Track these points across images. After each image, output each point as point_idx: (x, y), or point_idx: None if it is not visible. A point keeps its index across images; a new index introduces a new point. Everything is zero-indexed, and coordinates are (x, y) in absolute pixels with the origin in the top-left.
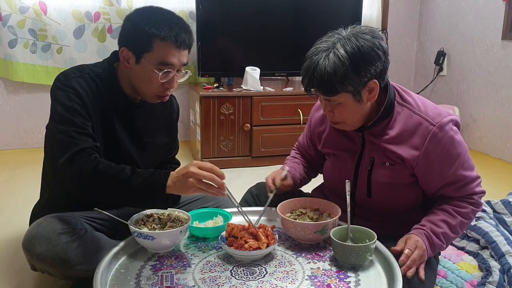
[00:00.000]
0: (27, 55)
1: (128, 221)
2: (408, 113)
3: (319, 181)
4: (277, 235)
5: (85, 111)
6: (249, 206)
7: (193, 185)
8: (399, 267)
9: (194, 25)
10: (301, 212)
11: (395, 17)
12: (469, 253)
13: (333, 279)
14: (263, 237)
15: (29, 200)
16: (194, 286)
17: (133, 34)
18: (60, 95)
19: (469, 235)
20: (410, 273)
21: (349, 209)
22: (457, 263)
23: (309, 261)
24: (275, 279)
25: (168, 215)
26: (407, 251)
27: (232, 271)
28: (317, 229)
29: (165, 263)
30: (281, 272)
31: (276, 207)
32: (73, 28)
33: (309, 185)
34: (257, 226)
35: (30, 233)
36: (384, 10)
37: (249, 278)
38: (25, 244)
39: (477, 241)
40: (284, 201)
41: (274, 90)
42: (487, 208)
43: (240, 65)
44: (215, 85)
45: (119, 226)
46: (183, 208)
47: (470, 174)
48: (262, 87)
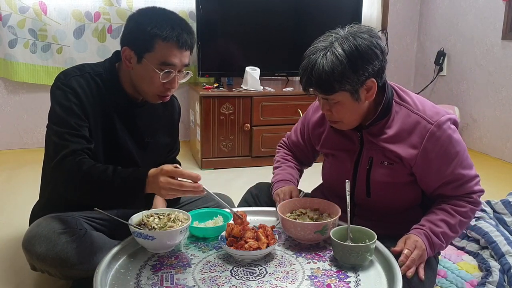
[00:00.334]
0: (27, 55)
1: (128, 221)
2: (406, 112)
3: (318, 181)
4: (277, 235)
5: (82, 111)
6: (249, 206)
7: (166, 194)
8: (399, 267)
9: (194, 25)
10: (301, 212)
11: (395, 17)
12: (469, 253)
13: (333, 279)
14: (263, 237)
15: (29, 200)
16: (194, 286)
17: (135, 34)
18: (58, 94)
19: (469, 235)
20: (410, 273)
21: (349, 209)
22: (457, 263)
23: (309, 261)
24: (275, 279)
25: (168, 215)
26: (406, 251)
27: (232, 271)
28: (317, 229)
29: (165, 263)
30: (281, 272)
31: (276, 207)
32: (73, 28)
33: (309, 185)
34: (237, 212)
35: (30, 233)
36: (384, 10)
37: (249, 278)
38: (25, 244)
39: (477, 241)
40: (284, 201)
41: (274, 90)
42: (487, 208)
43: (240, 65)
44: (215, 85)
45: (119, 226)
46: (183, 208)
47: (468, 172)
48: (262, 87)
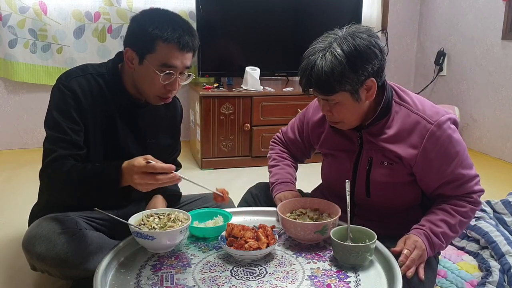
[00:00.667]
0: (27, 55)
1: (128, 221)
2: (406, 112)
3: (318, 181)
4: (277, 235)
5: (80, 113)
6: (249, 206)
7: (143, 188)
8: (399, 267)
9: (194, 25)
10: (301, 212)
11: (395, 17)
12: (469, 253)
13: (333, 279)
14: (263, 237)
15: (29, 200)
16: (194, 286)
17: (137, 34)
18: (57, 96)
19: (469, 235)
20: (409, 273)
21: (349, 209)
22: (457, 263)
23: (309, 261)
24: (275, 279)
25: (168, 215)
26: (406, 251)
27: (232, 271)
28: (317, 229)
29: (165, 263)
30: (281, 272)
31: (276, 207)
32: (73, 28)
33: (309, 185)
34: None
35: (30, 233)
36: (384, 10)
37: (249, 278)
38: (25, 244)
39: (477, 241)
40: (284, 201)
41: (274, 90)
42: (487, 208)
43: (240, 65)
44: (215, 85)
45: (119, 226)
46: (183, 208)
47: (468, 172)
48: (262, 87)
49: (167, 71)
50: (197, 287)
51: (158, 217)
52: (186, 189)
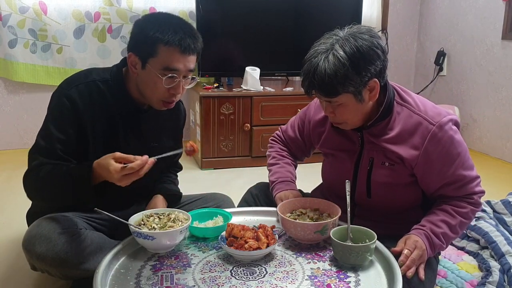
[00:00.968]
0: (27, 55)
1: (128, 221)
2: (408, 112)
3: (318, 181)
4: (277, 235)
5: (77, 124)
6: (249, 206)
7: (126, 183)
8: (399, 267)
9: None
10: (301, 212)
11: (395, 17)
12: (469, 253)
13: (333, 279)
14: (263, 237)
15: (29, 200)
16: (194, 286)
17: (139, 39)
18: (54, 104)
19: (469, 235)
20: (410, 273)
21: (349, 209)
22: (457, 263)
23: (309, 261)
24: (275, 279)
25: (168, 215)
26: (406, 251)
27: (232, 271)
28: (317, 229)
29: (165, 263)
30: (281, 272)
31: (276, 207)
32: (73, 28)
33: (309, 185)
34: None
35: (30, 233)
36: (384, 10)
37: (249, 278)
38: (25, 244)
39: (477, 241)
40: (284, 201)
41: (274, 90)
42: (487, 208)
43: (240, 65)
44: (215, 85)
45: (119, 226)
46: (183, 208)
47: (469, 173)
48: (262, 87)
49: (169, 75)
50: (197, 287)
51: (158, 217)
52: (186, 189)
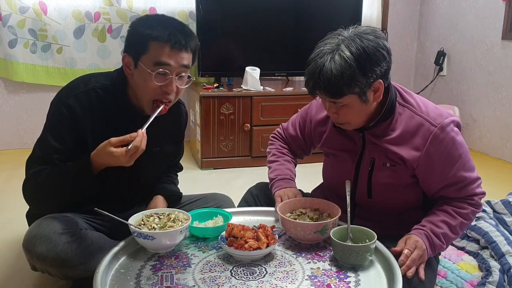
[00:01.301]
0: (27, 55)
1: (128, 221)
2: (410, 113)
3: (318, 181)
4: (277, 235)
5: (76, 133)
6: (249, 206)
7: (129, 162)
8: (399, 267)
9: (194, 25)
10: (301, 212)
11: (395, 17)
12: (469, 253)
13: (333, 279)
14: (263, 237)
15: None
16: (194, 286)
17: (131, 38)
18: (53, 113)
19: (469, 235)
20: (410, 273)
21: (349, 209)
22: (457, 263)
23: (309, 261)
24: (275, 279)
25: (168, 215)
26: (406, 251)
27: (232, 271)
28: (317, 229)
29: (165, 263)
30: (281, 272)
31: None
32: (73, 28)
33: (309, 185)
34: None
35: (31, 233)
36: (384, 10)
37: (249, 278)
38: (25, 244)
39: (477, 241)
40: (284, 201)
41: (274, 90)
42: (487, 208)
43: (240, 65)
44: (215, 85)
45: (119, 226)
46: (183, 208)
47: (470, 175)
48: (262, 87)
49: (160, 70)
50: (197, 287)
51: (158, 217)
52: (186, 189)
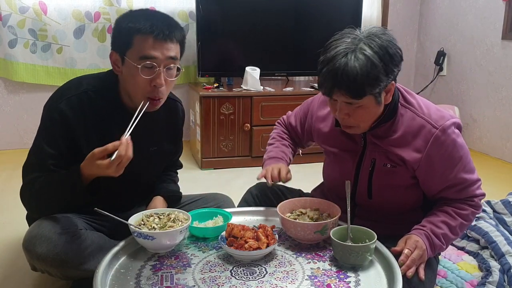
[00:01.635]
0: (27, 55)
1: (128, 221)
2: (411, 115)
3: (318, 181)
4: (277, 235)
5: (69, 137)
6: (249, 206)
7: (117, 172)
8: (399, 267)
9: (194, 25)
10: (301, 212)
11: (395, 17)
12: (469, 253)
13: (333, 279)
14: (263, 237)
15: None
16: (194, 286)
17: (116, 34)
18: (45, 118)
19: (469, 235)
20: (410, 272)
21: (349, 209)
22: (457, 263)
23: (309, 261)
24: (275, 279)
25: (168, 215)
26: (406, 251)
27: (232, 271)
28: (317, 229)
29: (165, 263)
30: (281, 272)
31: (276, 207)
32: (73, 28)
33: (309, 185)
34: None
35: (31, 233)
36: (384, 10)
37: (249, 278)
38: (25, 244)
39: (477, 241)
40: (284, 201)
41: (274, 90)
42: (487, 208)
43: (240, 65)
44: (215, 85)
45: (119, 226)
46: (183, 208)
47: (471, 177)
48: (262, 87)
49: (146, 62)
50: (197, 287)
51: (158, 217)
52: (186, 189)
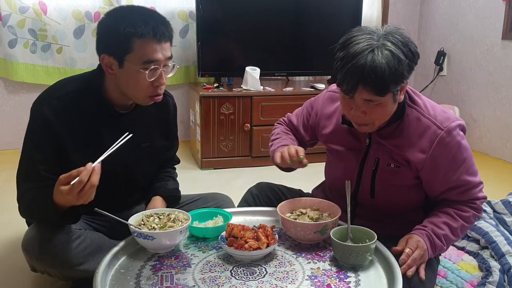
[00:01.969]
0: (27, 55)
1: (128, 221)
2: (417, 115)
3: (319, 180)
4: (277, 235)
5: (54, 141)
6: (249, 206)
7: (86, 200)
8: (399, 267)
9: (194, 25)
10: (301, 212)
11: (395, 17)
12: (469, 253)
13: (333, 279)
14: (263, 237)
15: None
16: (194, 286)
17: (110, 38)
18: (31, 122)
19: (469, 235)
20: (410, 272)
21: (349, 209)
22: (457, 263)
23: (309, 261)
24: (275, 279)
25: (168, 215)
26: (407, 250)
27: (232, 271)
28: (317, 229)
29: (165, 263)
30: (281, 272)
31: (276, 207)
32: (73, 28)
33: (309, 185)
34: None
35: (30, 233)
36: (384, 10)
37: (249, 278)
38: (24, 245)
39: (477, 241)
40: (284, 201)
41: (274, 90)
42: (487, 208)
43: (240, 65)
44: (215, 85)
45: (119, 226)
46: (183, 208)
47: (474, 179)
48: (262, 87)
49: (151, 67)
50: (197, 287)
51: (158, 217)
52: (186, 189)
